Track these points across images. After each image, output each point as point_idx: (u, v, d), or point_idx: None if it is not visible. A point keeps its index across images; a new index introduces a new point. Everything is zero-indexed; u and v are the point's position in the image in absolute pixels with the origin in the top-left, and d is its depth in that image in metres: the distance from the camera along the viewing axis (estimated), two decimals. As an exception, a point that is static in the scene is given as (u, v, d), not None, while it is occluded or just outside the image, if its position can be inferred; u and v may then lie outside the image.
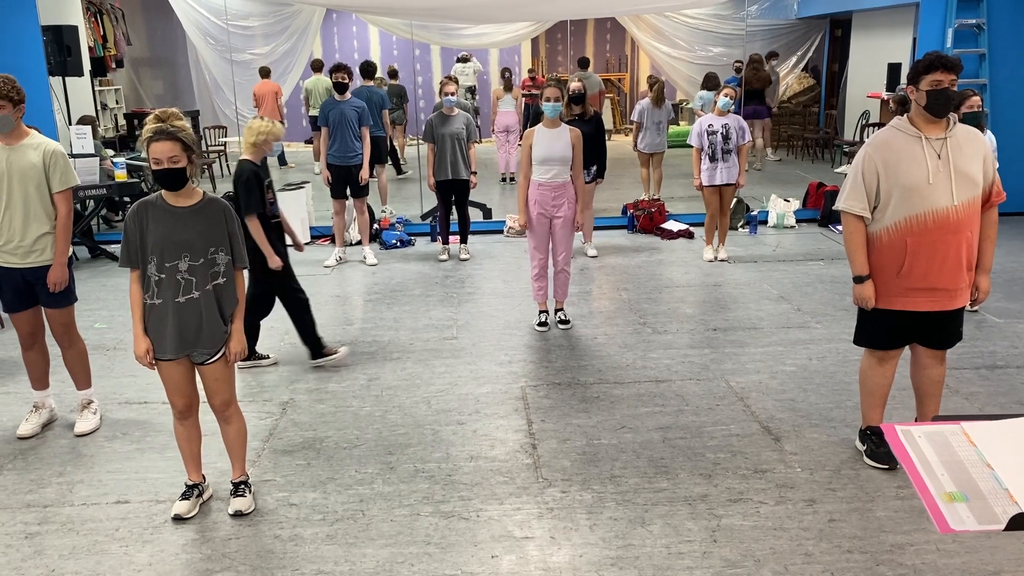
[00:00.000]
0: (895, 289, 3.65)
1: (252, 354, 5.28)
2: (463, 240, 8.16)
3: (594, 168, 7.57)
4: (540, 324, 5.93)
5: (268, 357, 5.38)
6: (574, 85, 7.48)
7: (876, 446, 3.89)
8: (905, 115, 3.63)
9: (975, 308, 6.02)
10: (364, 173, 7.64)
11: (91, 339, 5.73)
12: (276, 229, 5.09)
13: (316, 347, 5.28)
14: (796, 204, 9.49)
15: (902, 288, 3.63)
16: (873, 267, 3.68)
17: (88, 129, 8.22)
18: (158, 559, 3.27)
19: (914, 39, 10.42)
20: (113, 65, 13.23)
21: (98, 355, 5.49)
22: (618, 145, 14.41)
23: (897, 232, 3.57)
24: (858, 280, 3.70)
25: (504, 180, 12.23)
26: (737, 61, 12.41)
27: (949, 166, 3.49)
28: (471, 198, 8.25)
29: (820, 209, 9.33)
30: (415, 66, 15.44)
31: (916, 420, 4.10)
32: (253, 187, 4.90)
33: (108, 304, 6.79)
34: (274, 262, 4.96)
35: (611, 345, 5.57)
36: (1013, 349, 5.36)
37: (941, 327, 3.72)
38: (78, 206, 8.77)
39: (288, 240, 5.28)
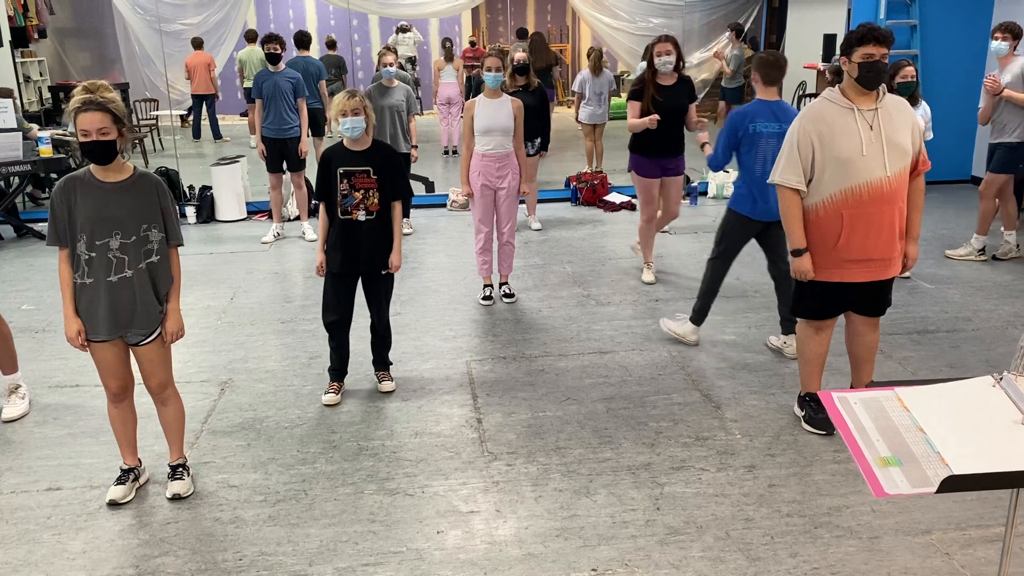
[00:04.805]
0: (832, 261, 3.67)
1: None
2: (405, 214, 8.02)
3: (538, 140, 7.52)
4: (485, 298, 5.90)
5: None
6: (519, 55, 7.39)
7: (814, 412, 3.97)
8: (837, 86, 3.65)
9: (907, 275, 6.18)
10: (303, 146, 7.47)
11: (18, 321, 5.53)
12: (350, 227, 4.22)
13: None
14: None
15: (839, 260, 3.66)
16: (809, 240, 3.68)
17: (9, 103, 7.85)
18: (93, 546, 3.18)
19: (849, 10, 10.57)
20: (35, 35, 12.67)
21: (26, 338, 5.29)
22: (561, 117, 14.37)
23: (833, 205, 3.60)
24: (796, 253, 3.71)
25: (447, 153, 12.11)
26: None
27: (881, 137, 3.52)
28: (413, 171, 8.14)
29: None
30: (352, 36, 15.13)
31: (852, 385, 4.20)
32: (319, 174, 4.27)
33: (36, 284, 6.54)
34: (320, 259, 4.28)
35: (556, 318, 5.58)
36: (943, 314, 5.52)
37: (874, 295, 3.79)
38: (1, 183, 8.42)
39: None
